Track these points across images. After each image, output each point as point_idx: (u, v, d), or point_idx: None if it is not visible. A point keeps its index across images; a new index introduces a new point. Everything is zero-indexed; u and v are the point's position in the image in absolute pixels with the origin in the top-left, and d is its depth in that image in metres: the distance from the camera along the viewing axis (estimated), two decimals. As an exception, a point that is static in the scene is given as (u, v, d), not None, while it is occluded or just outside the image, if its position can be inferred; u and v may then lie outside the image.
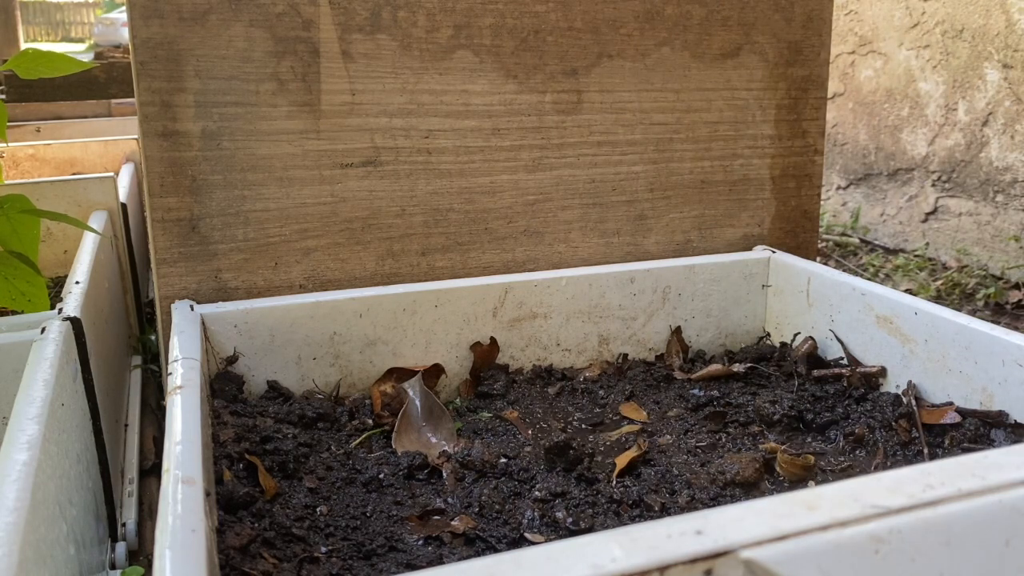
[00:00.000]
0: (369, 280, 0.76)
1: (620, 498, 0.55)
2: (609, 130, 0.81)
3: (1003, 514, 0.35)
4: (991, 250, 1.73)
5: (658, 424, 0.66)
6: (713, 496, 0.55)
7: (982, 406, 0.61)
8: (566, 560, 0.30)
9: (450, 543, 0.50)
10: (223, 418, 0.60)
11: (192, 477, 0.40)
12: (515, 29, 0.76)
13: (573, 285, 0.77)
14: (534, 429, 0.65)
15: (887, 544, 0.33)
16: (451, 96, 0.75)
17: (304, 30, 0.70)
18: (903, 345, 0.67)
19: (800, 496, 0.34)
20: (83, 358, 0.67)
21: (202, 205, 0.70)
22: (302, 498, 0.53)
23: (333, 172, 0.73)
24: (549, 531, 0.52)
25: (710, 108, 0.84)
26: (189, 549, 0.35)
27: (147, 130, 0.68)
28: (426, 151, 0.76)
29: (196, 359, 0.56)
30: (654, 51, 0.81)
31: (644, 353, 0.80)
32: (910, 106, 1.84)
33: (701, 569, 0.30)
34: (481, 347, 0.74)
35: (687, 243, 0.86)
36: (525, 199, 0.80)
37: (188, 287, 0.71)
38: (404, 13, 0.73)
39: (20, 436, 0.47)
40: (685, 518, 0.32)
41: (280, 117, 0.71)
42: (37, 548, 0.42)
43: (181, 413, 0.48)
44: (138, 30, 0.66)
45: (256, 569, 0.45)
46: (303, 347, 0.69)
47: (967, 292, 1.65)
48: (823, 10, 0.86)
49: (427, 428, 0.64)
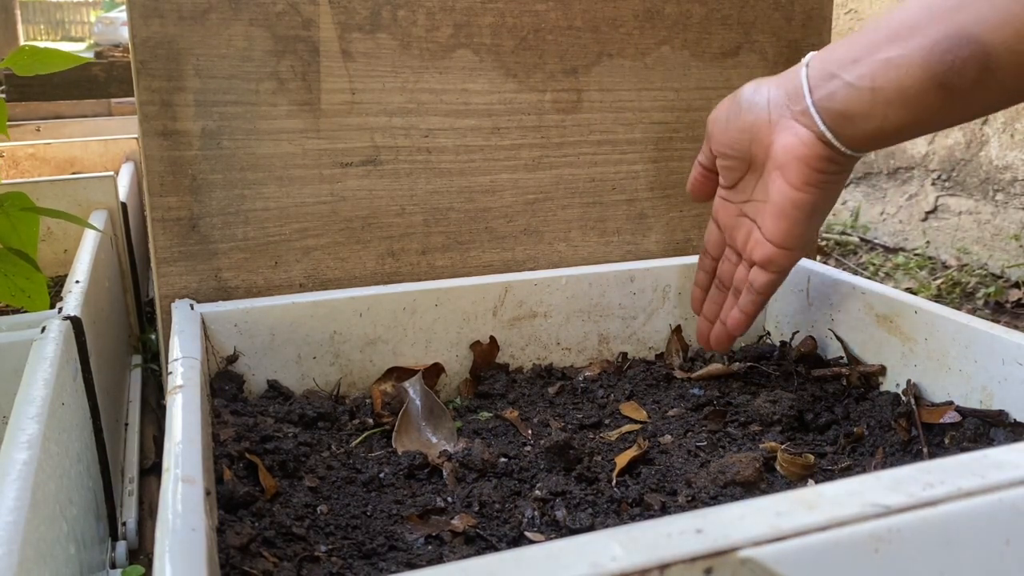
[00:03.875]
0: (369, 279, 0.76)
1: (620, 497, 0.55)
2: (609, 129, 0.81)
3: (1003, 513, 0.35)
4: (991, 249, 1.73)
5: (658, 423, 0.66)
6: (713, 495, 0.55)
7: (982, 405, 0.61)
8: (566, 559, 0.30)
9: (450, 542, 0.50)
10: (223, 417, 0.60)
11: (192, 476, 0.40)
12: (515, 28, 0.76)
13: (573, 284, 0.77)
14: (534, 428, 0.65)
15: (887, 543, 0.33)
16: (451, 95, 0.75)
17: (304, 29, 0.70)
18: (903, 344, 0.67)
19: (800, 495, 0.34)
20: (83, 357, 0.67)
21: (202, 204, 0.70)
22: (302, 497, 0.53)
23: (333, 171, 0.73)
24: (549, 530, 0.52)
25: (710, 107, 0.84)
26: (189, 548, 0.35)
27: (147, 129, 0.68)
28: (426, 150, 0.76)
29: (196, 358, 0.56)
30: (654, 50, 0.81)
31: (644, 352, 0.80)
32: (910, 105, 1.84)
33: (701, 568, 0.30)
34: (481, 346, 0.74)
35: (687, 242, 0.86)
36: (525, 198, 0.80)
37: (188, 286, 0.71)
38: (404, 12, 0.73)
39: (20, 435, 0.47)
40: (685, 517, 0.32)
41: (280, 116, 0.71)
42: (37, 547, 0.42)
43: (181, 412, 0.48)
44: (138, 29, 0.66)
45: (256, 568, 0.45)
46: (303, 346, 0.69)
47: (967, 291, 1.65)
48: (823, 9, 0.86)
49: (427, 427, 0.64)
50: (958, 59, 0.48)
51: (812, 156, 0.55)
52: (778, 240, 0.59)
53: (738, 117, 0.60)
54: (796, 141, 0.56)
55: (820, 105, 0.54)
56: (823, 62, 0.55)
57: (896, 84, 0.51)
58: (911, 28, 0.50)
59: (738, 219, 0.64)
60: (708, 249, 0.68)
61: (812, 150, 0.55)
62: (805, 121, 0.55)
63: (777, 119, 0.57)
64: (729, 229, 0.65)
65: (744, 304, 0.63)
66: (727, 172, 0.63)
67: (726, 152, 0.62)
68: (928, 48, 0.49)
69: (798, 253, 0.60)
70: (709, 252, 0.68)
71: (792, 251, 0.59)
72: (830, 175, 0.56)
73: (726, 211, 0.65)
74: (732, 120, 0.60)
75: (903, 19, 0.51)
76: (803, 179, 0.56)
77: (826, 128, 0.54)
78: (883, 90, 0.51)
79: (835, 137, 0.54)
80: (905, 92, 0.50)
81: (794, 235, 0.58)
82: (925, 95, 0.50)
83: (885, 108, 0.52)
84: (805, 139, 0.55)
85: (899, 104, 0.51)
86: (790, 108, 0.56)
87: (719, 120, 0.62)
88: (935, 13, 0.49)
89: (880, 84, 0.51)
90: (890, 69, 0.51)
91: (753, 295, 0.62)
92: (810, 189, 0.56)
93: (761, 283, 0.61)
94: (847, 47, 0.54)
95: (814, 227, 0.59)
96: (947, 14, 0.48)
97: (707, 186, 0.67)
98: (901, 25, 0.51)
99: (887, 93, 0.51)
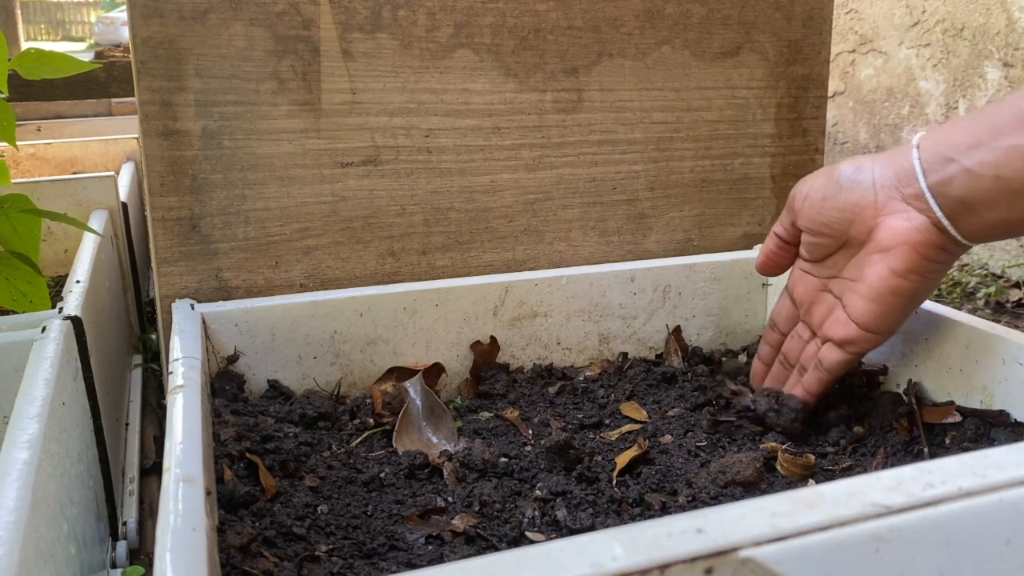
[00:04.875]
0: (369, 279, 0.76)
1: (621, 497, 0.55)
2: (609, 129, 0.81)
3: (1004, 513, 0.35)
4: (991, 248, 1.73)
5: (658, 423, 0.66)
6: (714, 495, 0.55)
7: (983, 405, 0.61)
8: (567, 559, 0.30)
9: (451, 542, 0.50)
10: (224, 417, 0.60)
11: (193, 476, 0.40)
12: (515, 28, 0.76)
13: (573, 284, 0.77)
14: (534, 428, 0.65)
15: (888, 543, 0.33)
16: (451, 95, 0.75)
17: (304, 29, 0.70)
18: (904, 344, 0.67)
19: (801, 495, 0.34)
20: (84, 357, 0.67)
21: (202, 204, 0.70)
22: (303, 497, 0.53)
23: (333, 171, 0.73)
24: (550, 530, 0.52)
25: (710, 107, 0.84)
26: (190, 548, 0.35)
27: (147, 129, 0.68)
28: (426, 150, 0.76)
29: (197, 358, 0.56)
30: (654, 50, 0.81)
31: (644, 352, 0.80)
32: (910, 105, 1.84)
33: (702, 568, 0.30)
34: (481, 346, 0.74)
35: (687, 242, 0.86)
36: (525, 198, 0.80)
37: (189, 286, 0.71)
38: (404, 12, 0.73)
39: (21, 435, 0.47)
40: (686, 517, 0.32)
41: (280, 116, 0.71)
42: (38, 547, 0.42)
43: (182, 412, 0.48)
44: (138, 29, 0.66)
45: (257, 568, 0.45)
46: (304, 346, 0.69)
47: (968, 291, 1.65)
48: (823, 9, 0.86)
49: (428, 427, 0.64)
50: None
51: (924, 243, 0.53)
52: (866, 323, 0.56)
53: (837, 196, 0.57)
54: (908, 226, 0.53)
55: (936, 190, 0.51)
56: (937, 144, 0.52)
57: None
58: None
59: (820, 294, 0.61)
60: (777, 323, 0.65)
61: (925, 236, 0.52)
62: (919, 206, 0.52)
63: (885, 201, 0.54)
64: (807, 304, 0.62)
65: (809, 383, 0.60)
66: (815, 248, 0.60)
67: (820, 231, 0.58)
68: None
69: (882, 339, 0.57)
70: (778, 326, 0.65)
71: (878, 336, 0.57)
72: (938, 263, 0.54)
73: (806, 285, 0.62)
74: (830, 199, 0.57)
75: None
76: (910, 266, 0.53)
77: (943, 215, 0.51)
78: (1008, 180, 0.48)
79: (952, 225, 0.52)
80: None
81: (885, 320, 0.56)
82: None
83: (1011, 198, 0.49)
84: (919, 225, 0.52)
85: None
86: (900, 191, 0.53)
87: (813, 197, 0.58)
88: None
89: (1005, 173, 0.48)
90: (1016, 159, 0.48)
91: (821, 372, 0.59)
92: (914, 277, 0.54)
93: (832, 361, 0.58)
94: (965, 129, 0.51)
95: (907, 314, 0.56)
96: None
97: (784, 260, 0.64)
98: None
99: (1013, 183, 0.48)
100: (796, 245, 0.63)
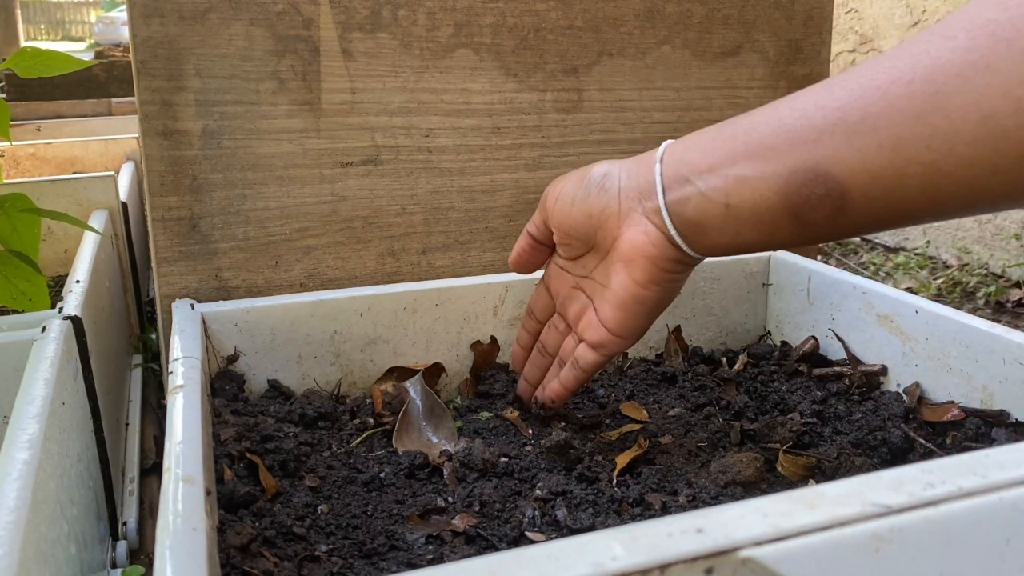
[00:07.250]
0: (369, 279, 0.76)
1: (621, 497, 0.55)
2: (610, 129, 0.81)
3: (1004, 512, 0.35)
4: (992, 248, 1.73)
5: (659, 423, 0.66)
6: (714, 495, 0.55)
7: (983, 405, 0.61)
8: (567, 559, 0.30)
9: (451, 542, 0.50)
10: (224, 417, 0.60)
11: (193, 476, 0.40)
12: (515, 27, 0.76)
13: (574, 284, 0.77)
14: (534, 428, 0.65)
15: (888, 543, 0.33)
16: (451, 95, 0.75)
17: (304, 29, 0.70)
18: (904, 344, 0.67)
19: (801, 495, 0.34)
20: (84, 357, 0.67)
21: (202, 204, 0.70)
22: (303, 497, 0.53)
23: (333, 171, 0.73)
24: (550, 530, 0.52)
25: (711, 107, 0.84)
26: (190, 548, 0.35)
27: (147, 129, 0.68)
28: (426, 150, 0.76)
29: (197, 358, 0.56)
30: (655, 49, 0.81)
31: (644, 352, 0.80)
32: (911, 104, 1.84)
33: (702, 568, 0.30)
34: (481, 346, 0.74)
35: (688, 242, 0.86)
36: (526, 198, 0.80)
37: (188, 286, 0.71)
38: (404, 11, 0.73)
39: (21, 435, 0.47)
40: (686, 517, 0.32)
41: (280, 116, 0.71)
42: (38, 547, 0.42)
43: (182, 412, 0.48)
44: (138, 29, 0.66)
45: (257, 568, 0.45)
46: (304, 346, 0.69)
47: (968, 290, 1.65)
48: (824, 8, 0.86)
49: (428, 427, 0.64)
50: (814, 195, 0.47)
51: (660, 256, 0.54)
52: (614, 329, 0.57)
53: (585, 200, 0.57)
54: (645, 240, 0.54)
55: (672, 209, 0.53)
56: (678, 162, 0.53)
57: (751, 206, 0.49)
58: (769, 149, 0.48)
59: (573, 291, 0.62)
60: (534, 311, 0.66)
61: (660, 251, 0.54)
62: (656, 221, 0.54)
63: (627, 211, 0.55)
64: (562, 299, 0.63)
65: (566, 378, 0.62)
66: (567, 248, 0.61)
67: (569, 233, 0.60)
68: (785, 178, 0.47)
69: (631, 341, 0.59)
70: (535, 315, 0.66)
71: (626, 340, 0.58)
72: (675, 274, 0.56)
73: (561, 281, 0.63)
74: (579, 203, 0.58)
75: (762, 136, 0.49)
76: (648, 278, 0.55)
77: (676, 233, 0.53)
78: (737, 208, 0.50)
79: (684, 243, 0.53)
80: (759, 216, 0.49)
81: (631, 327, 0.57)
82: (778, 221, 0.49)
83: (737, 226, 0.50)
84: (654, 239, 0.54)
85: (752, 224, 0.50)
86: (642, 203, 0.55)
87: (564, 199, 0.59)
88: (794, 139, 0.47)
89: (734, 202, 0.50)
90: (745, 189, 0.49)
91: (577, 371, 0.61)
92: (653, 287, 0.55)
93: (587, 362, 0.60)
94: (702, 151, 0.52)
95: (652, 319, 0.58)
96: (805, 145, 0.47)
97: (536, 259, 0.65)
98: (760, 143, 0.49)
99: (741, 212, 0.50)
100: (549, 244, 0.64)
